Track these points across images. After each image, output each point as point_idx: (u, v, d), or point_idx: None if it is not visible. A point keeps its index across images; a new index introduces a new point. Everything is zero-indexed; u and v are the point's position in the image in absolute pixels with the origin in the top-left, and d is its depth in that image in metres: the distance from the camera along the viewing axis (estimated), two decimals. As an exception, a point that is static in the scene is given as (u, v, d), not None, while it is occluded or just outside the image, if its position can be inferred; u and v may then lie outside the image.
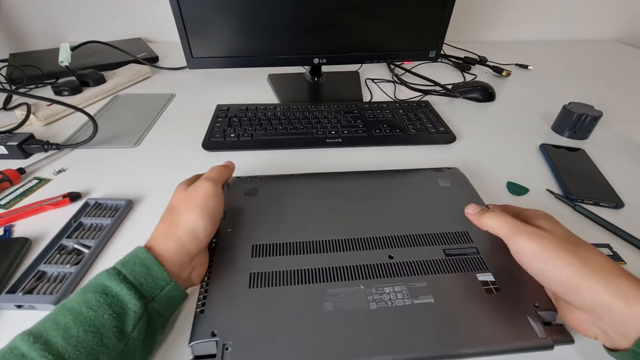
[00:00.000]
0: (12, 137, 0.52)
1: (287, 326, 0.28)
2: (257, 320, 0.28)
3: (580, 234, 0.41)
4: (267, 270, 0.32)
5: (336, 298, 0.30)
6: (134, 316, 0.25)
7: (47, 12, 0.96)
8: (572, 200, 0.45)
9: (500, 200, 0.46)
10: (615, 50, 1.06)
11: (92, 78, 0.70)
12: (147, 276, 0.27)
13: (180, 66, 0.83)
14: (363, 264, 0.33)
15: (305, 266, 0.32)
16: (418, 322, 0.28)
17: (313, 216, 0.38)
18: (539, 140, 0.59)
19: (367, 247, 0.34)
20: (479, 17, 1.08)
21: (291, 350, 0.26)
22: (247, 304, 0.29)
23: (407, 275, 0.32)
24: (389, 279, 0.31)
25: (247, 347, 0.27)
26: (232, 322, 0.28)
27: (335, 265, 0.32)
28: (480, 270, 0.32)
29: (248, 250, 0.34)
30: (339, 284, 0.31)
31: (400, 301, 0.29)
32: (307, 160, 0.53)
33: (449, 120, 0.63)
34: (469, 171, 0.50)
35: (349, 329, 0.28)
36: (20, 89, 0.71)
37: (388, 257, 0.33)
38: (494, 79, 0.84)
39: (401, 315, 0.28)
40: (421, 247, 0.35)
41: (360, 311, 0.29)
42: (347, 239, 0.35)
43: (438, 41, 0.67)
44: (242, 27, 0.62)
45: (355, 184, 0.43)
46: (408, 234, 0.36)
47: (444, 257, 0.34)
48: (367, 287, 0.30)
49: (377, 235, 0.36)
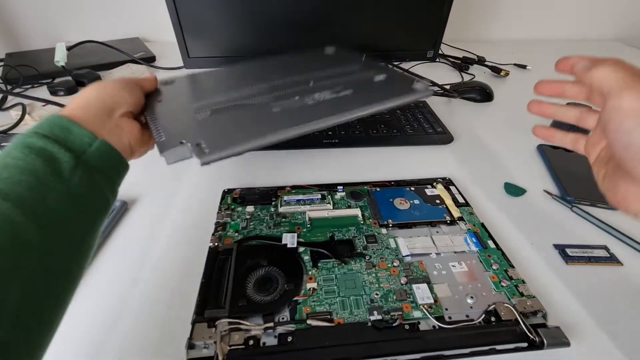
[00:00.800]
0: (7, 137, 0.52)
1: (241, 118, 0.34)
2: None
3: (577, 235, 0.41)
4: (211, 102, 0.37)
5: (280, 106, 0.35)
6: (68, 165, 0.23)
7: (43, 12, 0.96)
8: (569, 201, 0.45)
9: (498, 203, 0.45)
10: (615, 50, 1.06)
11: (88, 78, 0.70)
12: (69, 134, 0.25)
13: (177, 66, 0.82)
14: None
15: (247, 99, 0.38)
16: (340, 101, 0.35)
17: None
18: (536, 140, 0.58)
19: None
20: (477, 17, 1.08)
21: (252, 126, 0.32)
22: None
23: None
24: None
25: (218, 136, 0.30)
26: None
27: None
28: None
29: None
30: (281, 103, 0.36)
31: (327, 95, 0.36)
32: (303, 161, 0.53)
33: (446, 120, 0.62)
34: (466, 172, 0.50)
35: (292, 114, 0.34)
36: (15, 89, 0.71)
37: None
38: (492, 79, 0.84)
39: (329, 102, 0.35)
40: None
41: (300, 106, 0.35)
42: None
43: (436, 41, 0.67)
44: (239, 27, 0.61)
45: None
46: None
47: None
48: (301, 97, 0.36)
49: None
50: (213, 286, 0.32)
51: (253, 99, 0.38)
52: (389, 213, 0.42)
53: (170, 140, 0.30)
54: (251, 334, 0.29)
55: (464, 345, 0.28)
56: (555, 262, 0.38)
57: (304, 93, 0.37)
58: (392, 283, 0.33)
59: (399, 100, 0.35)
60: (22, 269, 0.19)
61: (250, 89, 0.40)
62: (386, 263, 0.35)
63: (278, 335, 0.29)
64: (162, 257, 0.37)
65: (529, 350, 0.28)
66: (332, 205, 0.43)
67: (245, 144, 0.29)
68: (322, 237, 0.38)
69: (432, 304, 0.31)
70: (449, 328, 0.29)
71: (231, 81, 0.46)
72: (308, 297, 0.32)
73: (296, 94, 0.37)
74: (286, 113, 0.34)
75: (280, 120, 0.32)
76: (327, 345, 0.28)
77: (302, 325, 0.29)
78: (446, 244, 0.38)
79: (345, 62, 0.48)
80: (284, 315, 0.30)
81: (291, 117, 0.33)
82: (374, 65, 0.45)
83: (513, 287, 0.33)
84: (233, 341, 0.28)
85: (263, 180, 0.48)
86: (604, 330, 0.31)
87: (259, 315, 0.30)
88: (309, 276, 0.34)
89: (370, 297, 0.32)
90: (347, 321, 0.30)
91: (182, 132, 0.32)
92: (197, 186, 0.47)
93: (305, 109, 0.34)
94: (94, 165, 0.25)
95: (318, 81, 0.41)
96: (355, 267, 0.35)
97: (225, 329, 0.29)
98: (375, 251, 0.37)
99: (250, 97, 0.38)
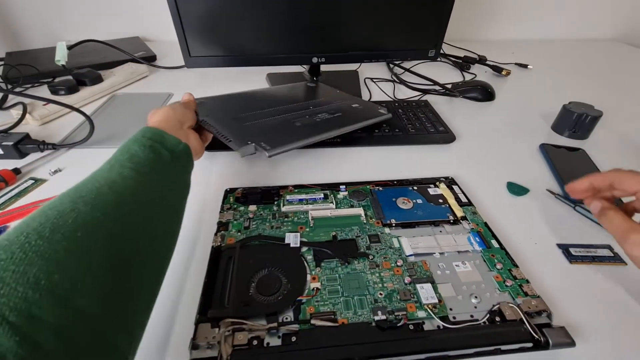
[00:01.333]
0: (8, 137, 0.51)
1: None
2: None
3: (581, 234, 0.41)
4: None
5: (300, 121, 0.50)
6: (167, 158, 0.33)
7: (43, 11, 0.96)
8: (572, 201, 0.45)
9: (501, 202, 0.45)
10: (615, 49, 1.06)
11: (89, 77, 0.70)
12: (163, 139, 0.34)
13: (178, 65, 0.82)
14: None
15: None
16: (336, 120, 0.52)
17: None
18: (538, 140, 0.58)
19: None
20: (478, 16, 1.08)
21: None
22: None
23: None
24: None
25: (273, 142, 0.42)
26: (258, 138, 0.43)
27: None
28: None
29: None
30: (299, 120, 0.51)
31: (326, 116, 0.53)
32: (305, 161, 0.52)
33: (448, 120, 0.62)
34: (468, 171, 0.50)
35: (310, 127, 0.48)
36: (16, 88, 0.70)
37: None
38: (493, 78, 0.83)
39: (329, 120, 0.52)
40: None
41: (312, 122, 0.50)
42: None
43: (437, 40, 0.67)
44: (240, 26, 0.61)
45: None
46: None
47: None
48: (310, 116, 0.52)
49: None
50: (216, 286, 0.32)
51: (276, 116, 0.51)
52: (392, 212, 0.41)
53: (238, 141, 0.41)
54: (255, 334, 0.29)
55: (469, 345, 0.28)
56: (559, 261, 0.38)
57: (310, 114, 0.52)
58: (395, 283, 0.33)
59: (372, 120, 0.54)
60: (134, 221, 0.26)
61: (268, 110, 0.53)
62: (390, 263, 0.35)
63: (282, 335, 0.29)
64: (164, 256, 0.37)
65: (534, 351, 0.28)
66: (335, 205, 0.42)
67: (292, 145, 0.43)
68: (325, 236, 0.38)
69: (436, 303, 0.31)
70: (454, 328, 0.29)
71: (248, 103, 0.56)
72: (312, 297, 0.32)
73: (305, 114, 0.52)
74: (306, 126, 0.48)
75: (305, 131, 0.47)
76: (331, 345, 0.28)
77: (306, 326, 0.29)
78: (449, 243, 0.37)
79: (328, 93, 0.64)
80: (288, 315, 0.30)
81: (311, 129, 0.48)
82: (348, 97, 0.62)
83: (517, 287, 0.33)
84: (236, 341, 0.28)
85: (265, 180, 0.48)
86: (609, 330, 0.31)
87: (263, 316, 0.30)
88: (312, 276, 0.34)
89: (374, 297, 0.32)
90: (351, 321, 0.30)
91: (242, 135, 0.43)
92: (200, 185, 0.47)
93: (316, 124, 0.49)
94: (180, 160, 0.35)
95: (315, 107, 0.56)
96: (359, 266, 0.35)
97: (229, 329, 0.28)
98: (378, 251, 0.36)
99: (272, 115, 0.51)
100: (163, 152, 0.33)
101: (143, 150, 0.32)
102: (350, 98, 0.62)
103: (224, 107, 0.53)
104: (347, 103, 0.59)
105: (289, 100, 0.58)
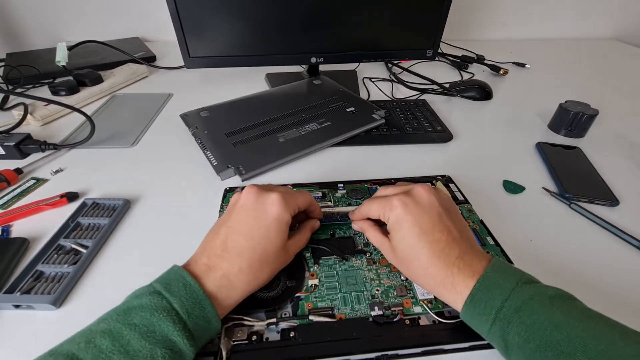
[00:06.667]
0: (9, 137, 0.52)
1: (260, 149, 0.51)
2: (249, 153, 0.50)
3: (576, 232, 0.41)
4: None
5: (284, 137, 0.53)
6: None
7: (44, 12, 0.96)
8: (567, 199, 0.45)
9: (497, 200, 0.46)
10: (612, 48, 1.07)
11: (89, 78, 0.70)
12: (202, 320, 0.26)
13: (178, 65, 0.82)
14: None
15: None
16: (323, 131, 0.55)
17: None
18: (535, 138, 0.59)
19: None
20: (476, 16, 1.08)
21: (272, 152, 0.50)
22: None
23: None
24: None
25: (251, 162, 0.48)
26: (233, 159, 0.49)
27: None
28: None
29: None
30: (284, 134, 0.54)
31: (314, 127, 0.56)
32: (304, 159, 0.53)
33: (446, 119, 0.63)
34: (465, 170, 0.51)
35: (292, 143, 0.52)
36: (17, 89, 0.71)
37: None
38: (491, 77, 0.84)
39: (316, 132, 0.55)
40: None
41: (296, 137, 0.53)
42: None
43: (435, 40, 0.67)
44: (239, 26, 0.62)
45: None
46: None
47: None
48: (297, 129, 0.55)
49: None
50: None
51: (265, 129, 0.55)
52: (389, 210, 0.42)
53: (220, 166, 0.48)
54: (254, 329, 0.29)
55: (463, 339, 0.29)
56: (554, 258, 0.38)
57: (298, 125, 0.56)
58: (392, 279, 0.34)
59: (362, 128, 0.56)
60: None
61: (260, 121, 0.56)
62: (386, 260, 0.36)
63: (281, 330, 0.29)
64: (164, 255, 0.38)
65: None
66: (333, 203, 0.43)
67: (267, 166, 0.49)
68: (323, 234, 0.39)
69: (431, 299, 0.32)
70: (449, 323, 0.30)
71: (243, 113, 0.60)
72: (310, 293, 0.32)
73: (293, 125, 0.56)
74: (289, 142, 0.52)
75: (286, 149, 0.51)
76: (329, 340, 0.29)
77: (305, 321, 0.30)
78: (446, 240, 0.38)
79: (329, 91, 0.66)
80: (287, 311, 0.31)
81: (293, 146, 0.52)
82: (349, 96, 0.64)
83: (512, 283, 0.33)
84: (236, 337, 0.29)
85: (264, 179, 0.48)
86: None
87: (262, 311, 0.31)
88: (310, 273, 0.34)
89: (372, 293, 0.32)
90: (349, 316, 0.31)
91: (225, 156, 0.49)
92: (199, 185, 0.47)
93: (299, 139, 0.53)
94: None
95: (308, 114, 0.59)
96: (356, 263, 0.35)
97: (229, 324, 0.29)
98: (375, 248, 0.37)
99: (262, 126, 0.55)
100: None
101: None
102: (350, 98, 0.63)
103: (220, 118, 0.57)
104: (344, 106, 0.61)
105: (285, 107, 0.60)
